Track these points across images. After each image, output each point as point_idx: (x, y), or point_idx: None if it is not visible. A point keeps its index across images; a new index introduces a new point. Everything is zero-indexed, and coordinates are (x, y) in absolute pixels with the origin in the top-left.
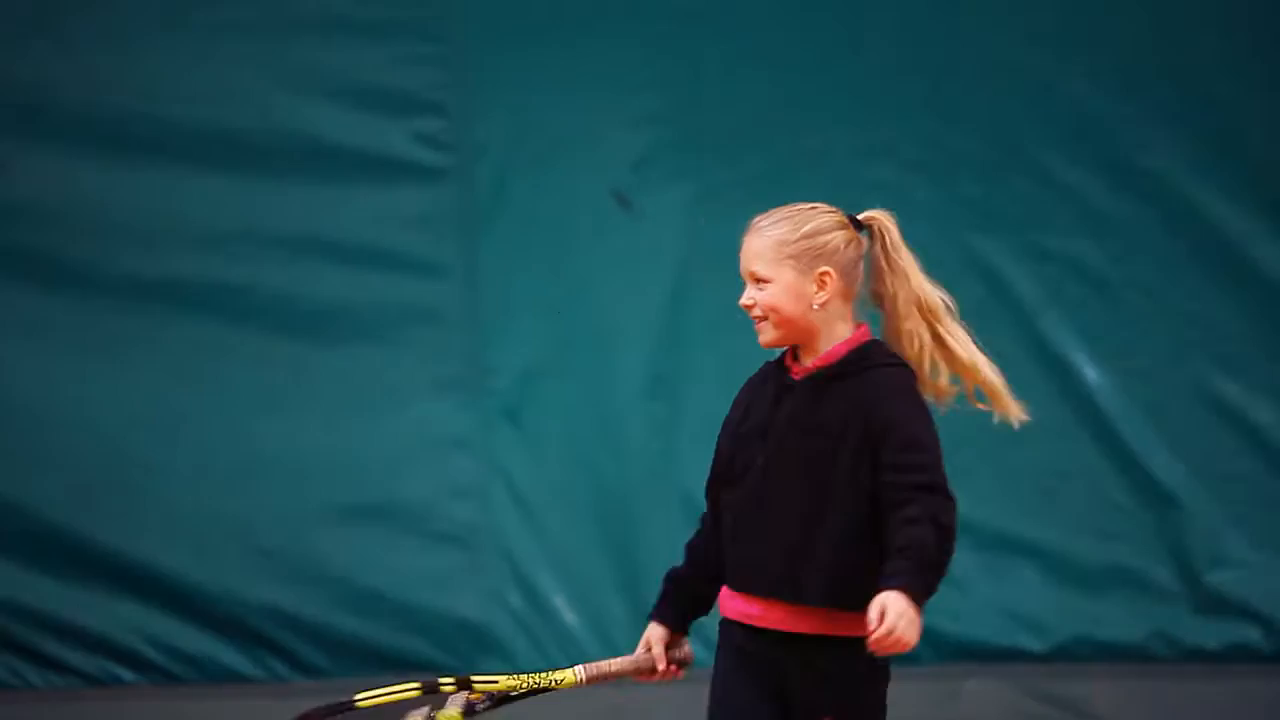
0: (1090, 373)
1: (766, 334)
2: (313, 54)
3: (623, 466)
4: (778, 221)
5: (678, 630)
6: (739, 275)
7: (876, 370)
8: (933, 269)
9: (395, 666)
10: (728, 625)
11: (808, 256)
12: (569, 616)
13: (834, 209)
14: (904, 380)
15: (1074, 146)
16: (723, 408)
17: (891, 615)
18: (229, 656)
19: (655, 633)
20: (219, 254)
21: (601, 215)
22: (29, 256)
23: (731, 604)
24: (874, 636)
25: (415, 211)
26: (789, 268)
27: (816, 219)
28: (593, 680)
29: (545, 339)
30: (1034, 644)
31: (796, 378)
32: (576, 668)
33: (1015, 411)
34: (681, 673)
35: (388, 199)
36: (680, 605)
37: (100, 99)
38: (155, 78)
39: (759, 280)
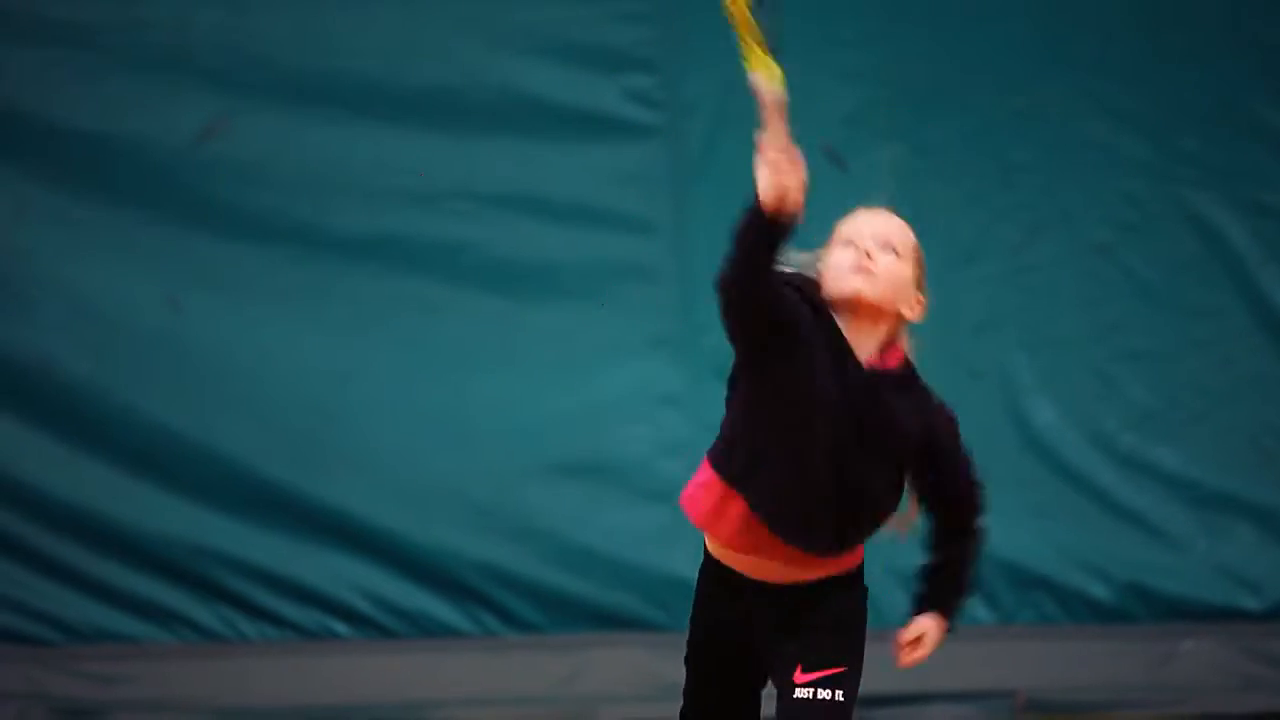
0: None
1: (867, 286)
2: (525, 12)
3: None
4: (908, 231)
5: None
6: (859, 235)
7: (926, 389)
8: (1149, 225)
9: (607, 622)
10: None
11: (921, 278)
12: None
13: None
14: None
15: None
16: (936, 364)
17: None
18: (442, 611)
19: None
20: (432, 211)
21: (812, 171)
22: (249, 214)
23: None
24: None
25: (626, 168)
26: (911, 270)
27: None
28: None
29: None
30: (1252, 603)
31: (866, 367)
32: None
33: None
34: None
35: (598, 156)
36: None
37: (319, 60)
38: (371, 38)
39: (893, 250)
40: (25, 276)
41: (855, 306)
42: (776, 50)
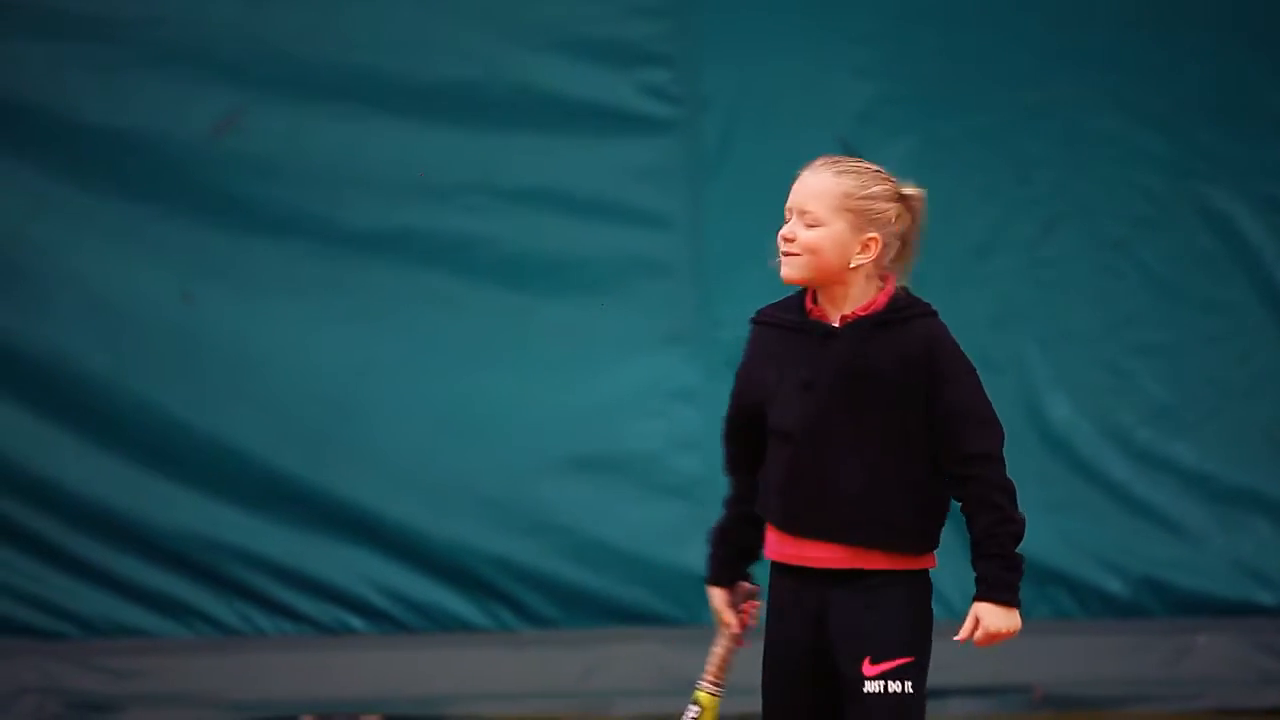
0: None
1: (793, 270)
2: (541, 6)
3: None
4: (846, 172)
5: (734, 583)
6: (788, 211)
7: (920, 320)
8: (1165, 219)
9: (622, 618)
10: (776, 568)
11: (865, 217)
12: None
13: (891, 179)
14: (946, 332)
15: None
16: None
17: (985, 630)
18: (458, 605)
19: (716, 597)
20: (447, 206)
21: None
22: (263, 208)
23: (781, 548)
24: (975, 641)
25: (642, 163)
26: (844, 220)
27: (882, 184)
28: (720, 679)
29: (771, 290)
30: (1267, 598)
31: (839, 325)
32: (701, 684)
33: None
34: (754, 609)
35: (615, 151)
36: (730, 561)
37: (335, 54)
38: (386, 32)
39: (809, 220)
40: (40, 270)
41: (800, 285)
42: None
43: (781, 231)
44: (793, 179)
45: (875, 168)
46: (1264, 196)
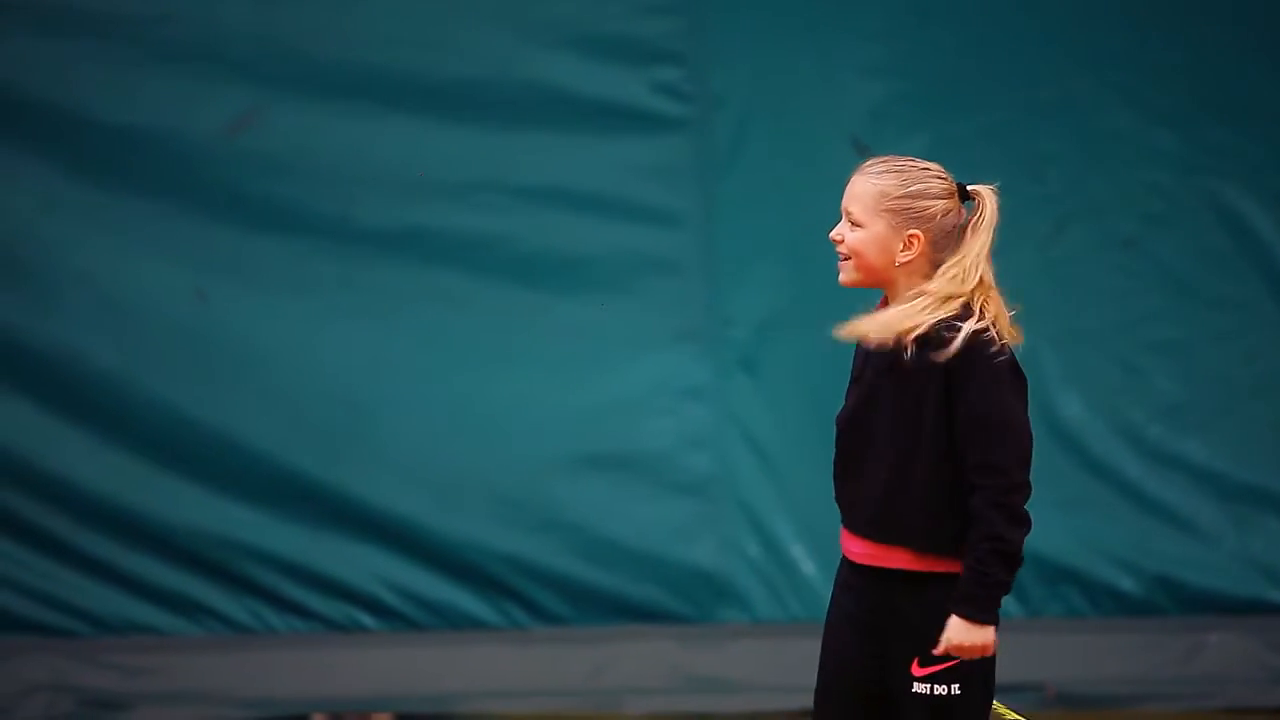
0: None
1: (846, 273)
2: (553, 5)
3: None
4: (886, 172)
5: None
6: None
7: (942, 330)
8: (1176, 216)
9: (634, 615)
10: (842, 561)
11: (904, 216)
12: (807, 566)
13: (946, 175)
14: (982, 340)
15: None
16: None
17: (946, 641)
18: (469, 603)
19: None
20: (461, 205)
21: (839, 164)
22: (278, 208)
23: (842, 541)
24: (947, 651)
25: (653, 161)
26: (883, 220)
27: (925, 181)
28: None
29: (782, 289)
30: (1279, 596)
31: None
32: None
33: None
34: None
35: (626, 149)
36: None
37: (346, 52)
38: (400, 31)
39: (853, 222)
40: (53, 268)
41: (851, 287)
42: None
43: (831, 234)
44: (804, 177)
45: (924, 164)
46: (1275, 193)
